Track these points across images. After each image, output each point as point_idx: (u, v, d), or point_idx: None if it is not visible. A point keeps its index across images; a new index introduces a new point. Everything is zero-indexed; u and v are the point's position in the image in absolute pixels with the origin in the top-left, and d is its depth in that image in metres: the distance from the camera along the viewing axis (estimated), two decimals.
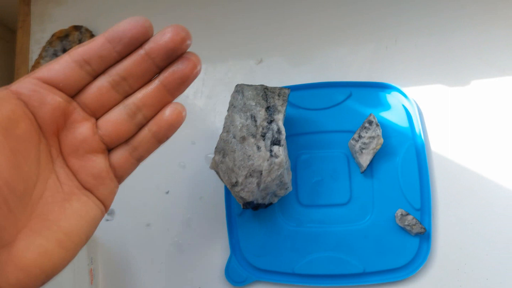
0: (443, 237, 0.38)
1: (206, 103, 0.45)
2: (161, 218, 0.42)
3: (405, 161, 0.39)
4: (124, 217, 0.43)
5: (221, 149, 0.35)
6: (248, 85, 0.36)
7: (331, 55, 0.44)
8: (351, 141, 0.39)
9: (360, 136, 0.38)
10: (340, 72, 0.43)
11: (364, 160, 0.38)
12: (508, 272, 0.37)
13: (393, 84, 0.41)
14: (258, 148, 0.34)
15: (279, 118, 0.35)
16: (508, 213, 0.38)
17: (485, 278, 0.37)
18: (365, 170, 0.39)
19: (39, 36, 0.50)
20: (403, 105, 0.40)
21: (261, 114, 0.35)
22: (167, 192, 0.43)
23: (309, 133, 0.41)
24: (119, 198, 0.43)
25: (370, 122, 0.38)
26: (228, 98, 0.44)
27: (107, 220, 0.43)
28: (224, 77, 0.45)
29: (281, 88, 0.36)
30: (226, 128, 0.35)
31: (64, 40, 0.47)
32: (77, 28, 0.47)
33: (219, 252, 0.40)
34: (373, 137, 0.38)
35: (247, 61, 0.45)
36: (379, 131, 0.38)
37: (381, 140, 0.38)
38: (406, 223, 0.37)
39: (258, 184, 0.34)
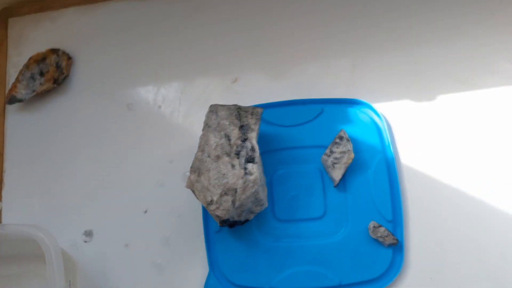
0: (416, 247, 0.39)
1: (183, 122, 0.46)
2: (140, 237, 0.43)
3: (376, 174, 0.40)
4: (103, 238, 0.43)
5: (197, 168, 0.36)
6: (221, 105, 0.37)
7: (304, 72, 0.45)
8: (324, 156, 0.40)
9: (331, 151, 0.39)
10: (313, 89, 0.44)
11: (337, 174, 0.39)
12: (480, 280, 0.38)
13: (363, 99, 0.42)
14: (233, 166, 0.35)
15: (253, 136, 0.36)
16: (478, 221, 0.39)
17: (458, 287, 0.38)
18: (338, 184, 0.40)
19: (15, 59, 0.50)
20: (373, 120, 0.42)
21: (234, 133, 0.36)
22: (146, 211, 0.43)
23: (284, 149, 0.42)
24: (97, 219, 0.44)
25: (341, 138, 0.39)
26: (203, 117, 0.45)
27: (86, 241, 0.43)
28: (201, 96, 0.46)
29: (254, 108, 0.37)
30: (201, 148, 0.36)
31: (41, 63, 0.47)
32: (54, 51, 0.48)
33: (197, 269, 0.40)
34: (344, 152, 0.39)
35: (223, 80, 0.46)
36: (349, 146, 0.39)
37: (352, 155, 0.39)
38: (378, 234, 0.38)
39: (233, 202, 0.35)
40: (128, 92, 0.47)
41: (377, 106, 0.43)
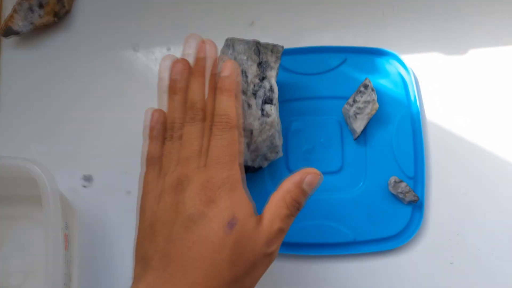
0: (436, 207, 0.37)
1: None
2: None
3: (400, 129, 0.38)
4: (103, 184, 0.41)
5: None
6: (239, 39, 0.34)
7: (328, 17, 0.42)
8: (346, 106, 0.37)
9: (354, 101, 0.36)
10: (336, 36, 0.41)
11: (358, 125, 0.36)
12: (499, 242, 0.36)
13: (389, 50, 0.40)
14: (249, 106, 0.32)
15: (272, 75, 0.33)
16: (502, 183, 0.37)
17: (477, 249, 0.36)
18: (358, 136, 0.37)
19: None
20: (399, 72, 0.39)
21: (252, 69, 0.33)
22: None
23: (301, 99, 0.39)
24: (97, 164, 0.41)
25: (366, 86, 0.36)
26: None
27: (85, 186, 0.40)
28: (213, 39, 0.43)
29: (274, 45, 0.34)
30: None
31: None
32: None
33: None
34: (368, 102, 0.36)
35: (238, 23, 0.43)
36: (374, 96, 0.36)
37: (376, 105, 0.36)
38: (399, 190, 0.35)
39: (248, 144, 0.32)
40: (134, 31, 0.44)
41: (404, 58, 0.40)
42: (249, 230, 0.26)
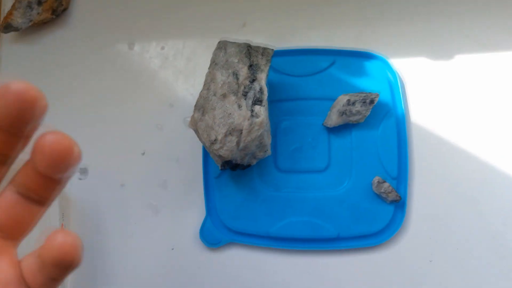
0: (417, 206, 0.38)
1: (185, 65, 0.44)
2: (136, 179, 0.41)
3: (385, 130, 0.39)
4: (98, 176, 0.42)
5: (201, 107, 0.34)
6: (231, 42, 0.35)
7: (317, 21, 0.43)
8: (344, 96, 0.38)
9: (353, 103, 0.37)
10: (325, 39, 0.42)
11: (335, 121, 0.38)
12: (477, 242, 0.37)
13: (378, 52, 0.41)
14: (239, 106, 0.33)
15: (262, 77, 0.34)
16: (483, 186, 0.38)
17: (456, 248, 0.38)
18: (326, 124, 0.39)
19: None
20: (386, 75, 0.40)
21: (243, 71, 0.34)
22: (143, 153, 0.42)
23: (290, 99, 0.41)
24: (93, 157, 0.42)
25: (371, 102, 0.37)
26: (209, 61, 0.43)
27: (80, 179, 0.42)
28: (206, 39, 0.44)
29: (265, 47, 0.35)
30: (207, 85, 0.35)
31: None
32: None
33: (194, 214, 0.40)
34: (360, 113, 0.37)
35: (230, 24, 0.44)
36: (368, 112, 0.38)
37: (362, 120, 0.38)
38: (382, 190, 0.37)
39: (238, 143, 0.33)
40: (130, 30, 0.45)
41: (391, 61, 0.41)
42: None
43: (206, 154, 0.40)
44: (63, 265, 0.17)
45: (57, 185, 0.18)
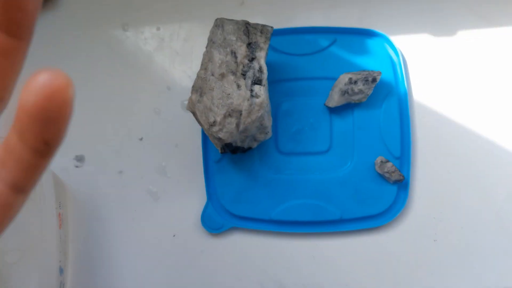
0: (421, 186, 0.38)
1: (182, 46, 0.42)
2: (135, 165, 0.40)
3: (387, 109, 0.38)
4: (95, 163, 0.41)
5: (199, 88, 0.33)
6: (228, 19, 0.34)
7: None
8: (346, 75, 0.37)
9: (355, 82, 0.36)
10: (326, 17, 0.41)
11: (337, 100, 0.37)
12: (481, 221, 0.37)
13: (379, 31, 0.40)
14: (238, 86, 0.32)
15: (261, 56, 0.33)
16: (486, 165, 0.38)
17: (460, 227, 0.37)
18: (328, 106, 0.38)
19: None
20: (388, 53, 0.39)
21: (242, 50, 0.33)
22: (141, 139, 0.41)
23: (291, 79, 0.40)
24: (89, 144, 0.41)
25: (374, 80, 0.36)
26: (206, 42, 0.42)
27: (77, 166, 0.41)
28: (203, 19, 0.43)
29: (263, 25, 0.34)
30: (204, 65, 0.33)
31: None
32: None
33: (195, 199, 0.39)
34: (362, 92, 0.36)
35: (228, 2, 0.43)
36: (371, 91, 0.37)
37: (364, 99, 0.37)
38: (385, 170, 0.36)
39: (238, 125, 0.32)
40: (123, 10, 0.44)
41: (393, 39, 0.40)
42: None
43: (205, 138, 0.39)
44: (51, 114, 0.12)
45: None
